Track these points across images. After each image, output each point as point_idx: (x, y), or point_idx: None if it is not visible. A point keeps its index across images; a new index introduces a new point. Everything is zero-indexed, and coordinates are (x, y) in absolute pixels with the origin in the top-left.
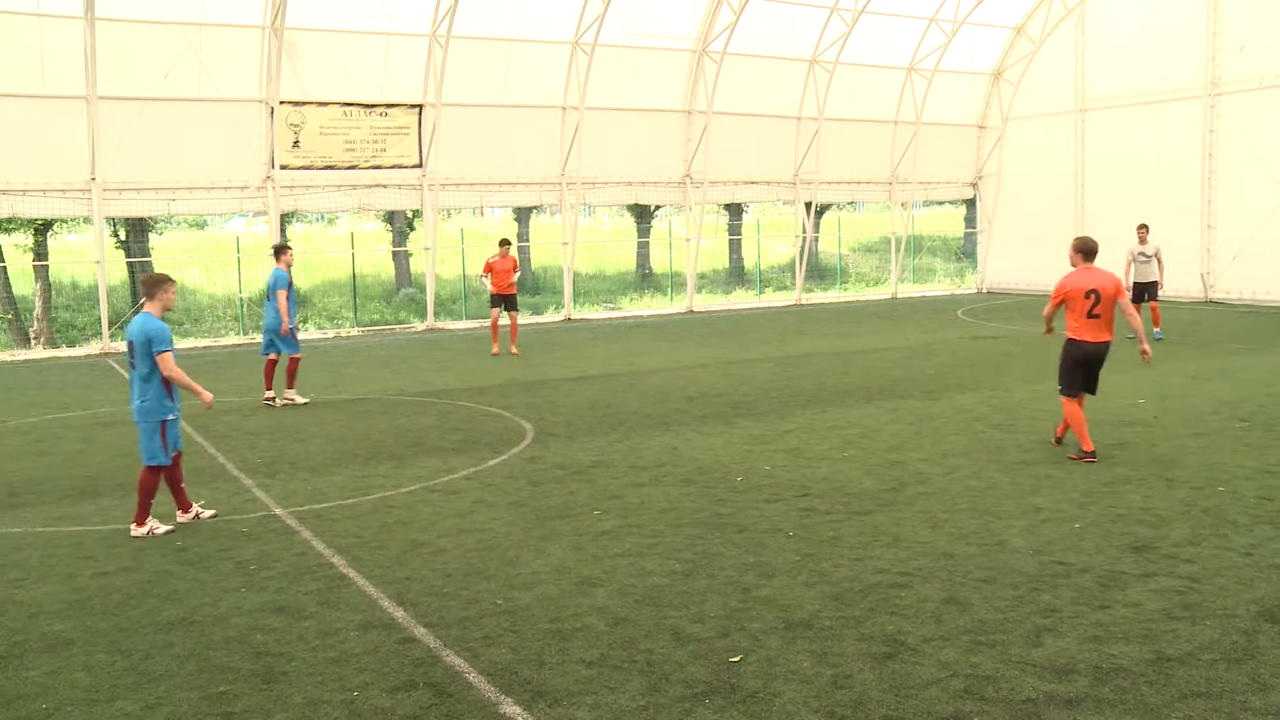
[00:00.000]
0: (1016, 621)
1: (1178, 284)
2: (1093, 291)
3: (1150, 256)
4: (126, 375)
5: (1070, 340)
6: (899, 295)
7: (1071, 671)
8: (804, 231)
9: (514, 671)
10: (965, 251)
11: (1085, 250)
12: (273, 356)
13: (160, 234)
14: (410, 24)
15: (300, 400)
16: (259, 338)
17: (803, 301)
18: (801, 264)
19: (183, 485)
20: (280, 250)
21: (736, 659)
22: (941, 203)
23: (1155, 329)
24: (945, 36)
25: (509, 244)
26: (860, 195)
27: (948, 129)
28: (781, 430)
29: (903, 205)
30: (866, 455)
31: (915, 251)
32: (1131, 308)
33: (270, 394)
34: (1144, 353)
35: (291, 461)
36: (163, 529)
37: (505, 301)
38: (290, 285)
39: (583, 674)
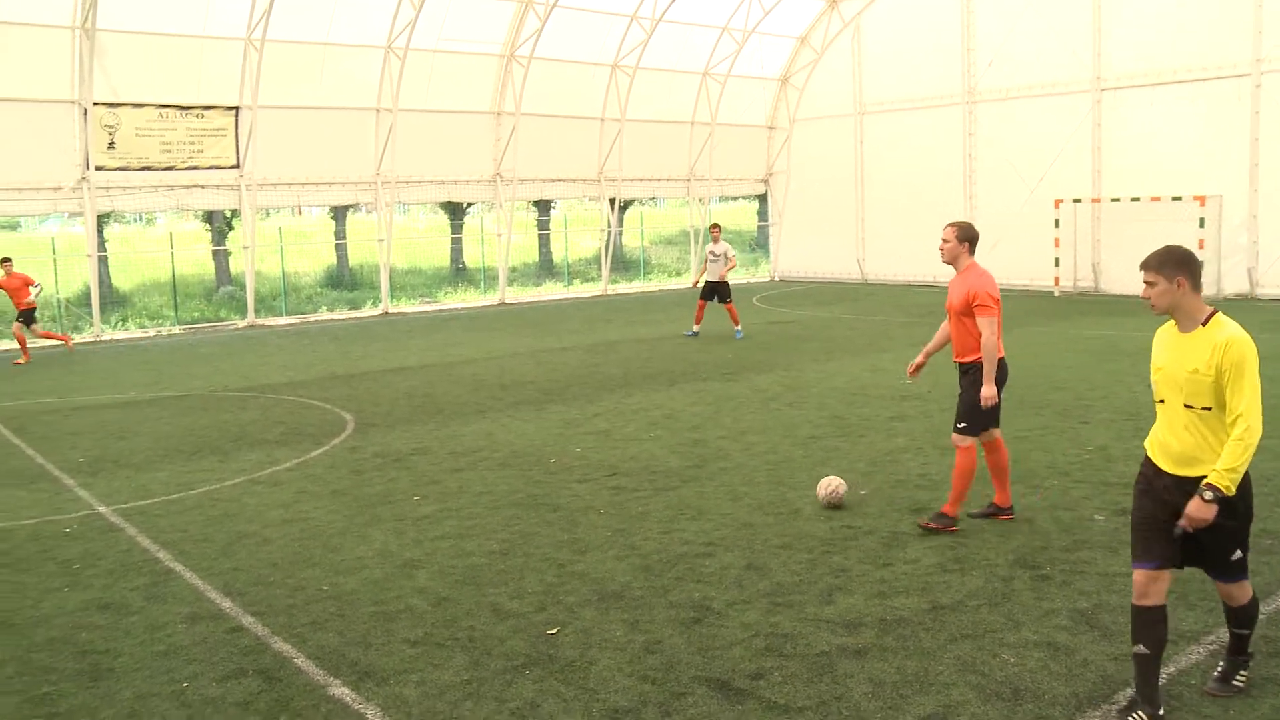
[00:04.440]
0: (810, 582)
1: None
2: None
3: (719, 255)
4: None
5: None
6: (698, 285)
7: (860, 625)
8: (609, 226)
9: (341, 654)
10: (759, 243)
11: (973, 239)
12: None
13: None
14: (225, 27)
15: None
16: (78, 337)
17: (609, 292)
18: (607, 257)
19: None
20: None
21: (554, 631)
22: (736, 198)
23: (737, 327)
24: (736, 44)
25: (10, 261)
26: (660, 191)
27: (740, 129)
28: (591, 414)
29: (700, 200)
30: (671, 435)
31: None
32: None
33: None
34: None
35: (114, 460)
36: None
37: (23, 316)
38: None
39: (408, 653)
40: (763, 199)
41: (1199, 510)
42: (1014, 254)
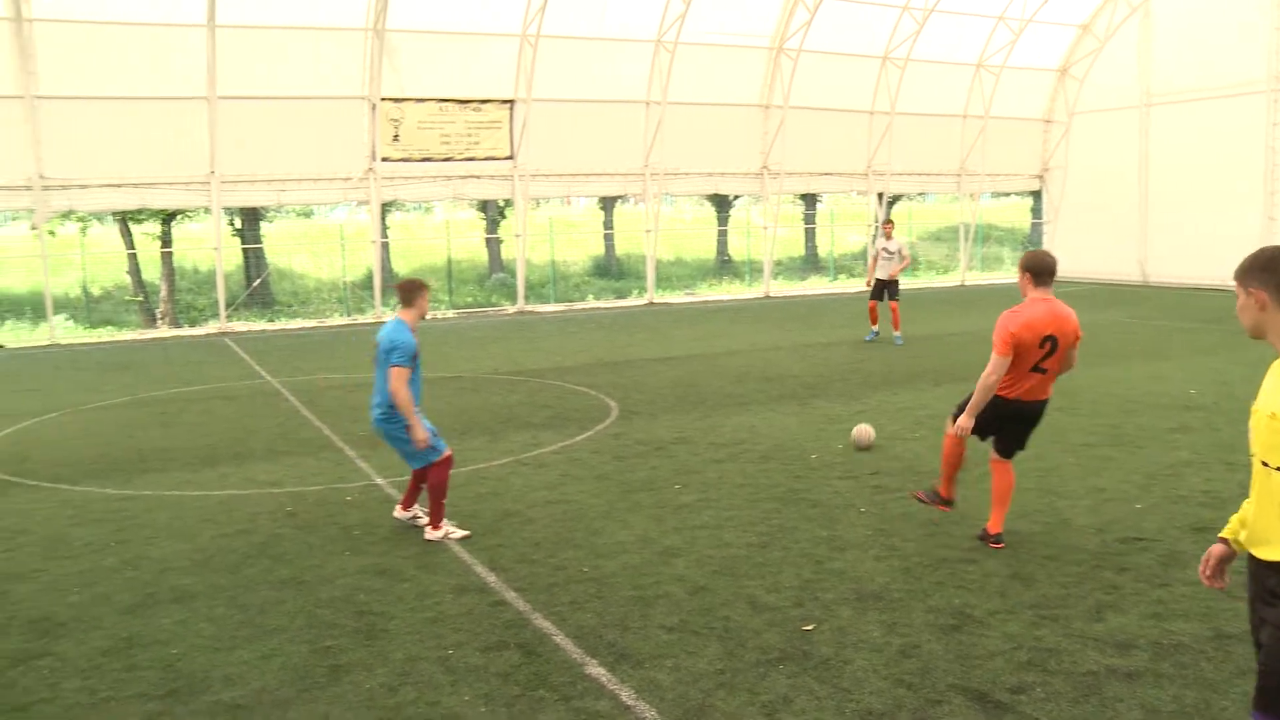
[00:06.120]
0: (1079, 597)
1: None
2: (1050, 339)
3: (893, 254)
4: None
5: (996, 396)
6: (967, 283)
7: (1132, 646)
8: (876, 221)
9: (599, 635)
10: (1032, 241)
11: (1042, 271)
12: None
13: (271, 222)
14: (502, 24)
15: (458, 533)
16: (360, 318)
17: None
18: (874, 252)
19: (420, 483)
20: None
21: (810, 627)
22: (1008, 194)
23: (895, 332)
24: (1012, 34)
25: None
26: (930, 187)
27: (1014, 123)
28: (854, 411)
29: (971, 196)
30: (935, 436)
31: (983, 241)
32: (1075, 357)
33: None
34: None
35: None
36: (458, 534)
37: None
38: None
39: (663, 638)
40: (1037, 196)
41: None
42: None
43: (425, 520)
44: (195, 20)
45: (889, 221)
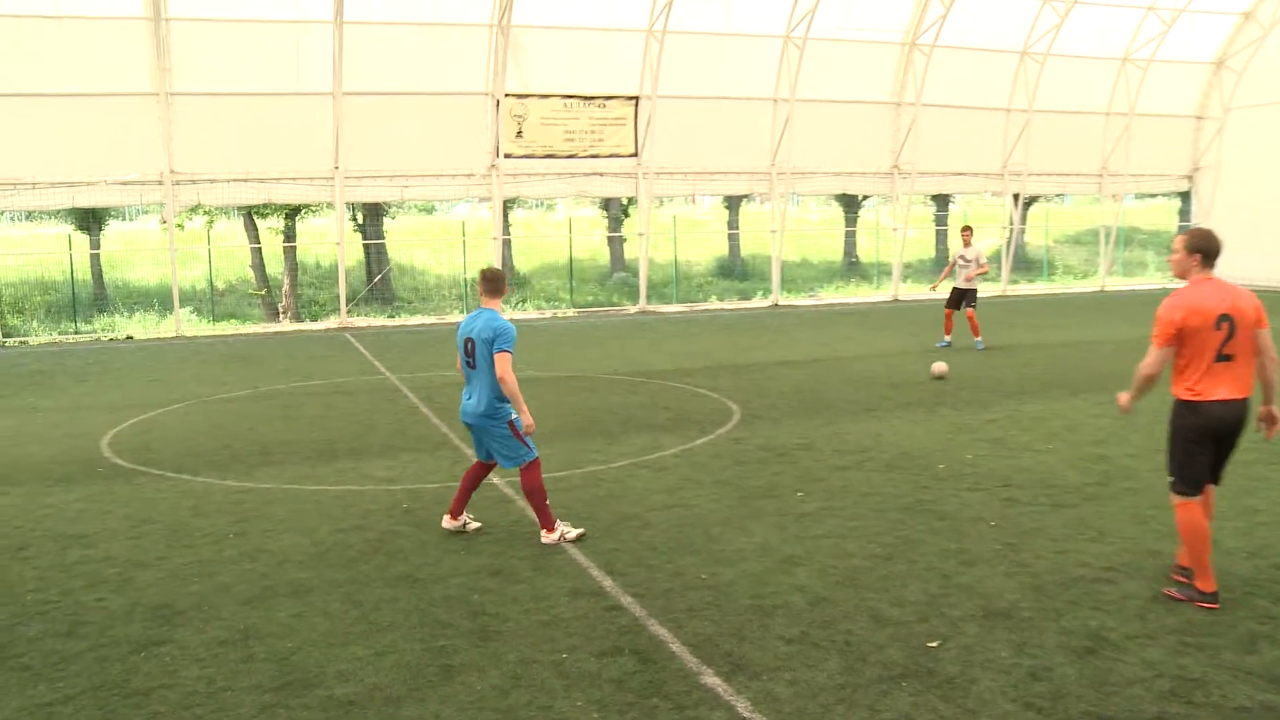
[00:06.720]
0: (1229, 625)
1: None
2: (1225, 318)
3: (969, 261)
4: (461, 372)
5: (1186, 404)
6: (1107, 288)
7: None
8: (1011, 223)
9: (715, 644)
10: None
11: (1212, 252)
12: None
13: (393, 218)
14: (628, 20)
15: (573, 533)
16: None
17: (1008, 292)
18: (1007, 255)
19: (471, 492)
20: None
21: (935, 644)
22: (1154, 195)
23: (977, 338)
24: (1163, 25)
25: None
26: (1069, 187)
27: (1163, 120)
28: (984, 420)
29: (1114, 198)
30: (1071, 449)
31: (1125, 244)
32: (1272, 347)
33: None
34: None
35: None
36: (573, 533)
37: None
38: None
39: (782, 650)
40: (1185, 196)
41: None
42: None
43: (476, 525)
44: (322, 17)
45: (967, 229)
